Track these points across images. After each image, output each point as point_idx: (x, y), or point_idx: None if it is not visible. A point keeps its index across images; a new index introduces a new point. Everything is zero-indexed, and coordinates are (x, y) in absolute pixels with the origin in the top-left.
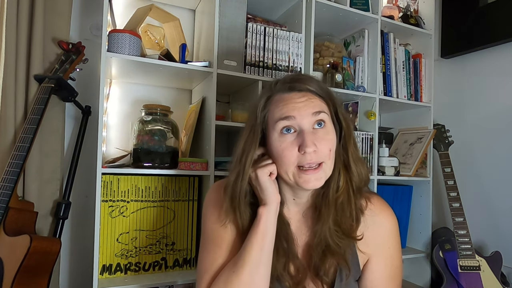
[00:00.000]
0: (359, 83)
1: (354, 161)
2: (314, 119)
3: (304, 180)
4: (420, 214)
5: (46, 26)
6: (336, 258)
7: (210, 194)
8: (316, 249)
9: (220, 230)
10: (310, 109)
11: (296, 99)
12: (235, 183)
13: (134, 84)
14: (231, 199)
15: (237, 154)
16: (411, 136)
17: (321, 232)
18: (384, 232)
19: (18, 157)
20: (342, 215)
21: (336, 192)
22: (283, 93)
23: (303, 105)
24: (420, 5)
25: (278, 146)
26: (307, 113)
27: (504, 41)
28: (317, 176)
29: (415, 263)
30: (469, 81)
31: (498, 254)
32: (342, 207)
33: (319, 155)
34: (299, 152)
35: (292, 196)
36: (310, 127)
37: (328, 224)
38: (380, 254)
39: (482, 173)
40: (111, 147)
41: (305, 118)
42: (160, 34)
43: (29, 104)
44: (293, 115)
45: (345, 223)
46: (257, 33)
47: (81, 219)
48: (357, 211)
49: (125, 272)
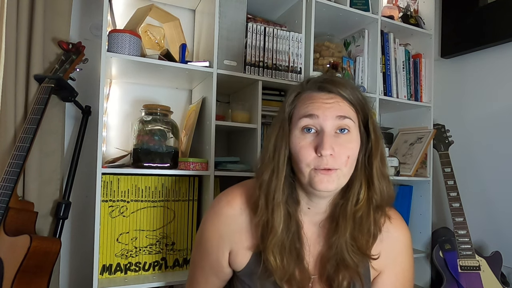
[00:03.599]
0: (359, 83)
1: (378, 177)
2: (337, 123)
3: (319, 179)
4: (420, 214)
5: (46, 26)
6: (350, 272)
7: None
8: (331, 261)
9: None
10: (336, 111)
11: (323, 99)
12: (269, 180)
13: (134, 84)
14: (266, 197)
15: (269, 151)
16: (411, 136)
17: (338, 244)
18: (398, 247)
19: (18, 157)
20: (360, 230)
21: (355, 206)
22: (312, 91)
23: (329, 106)
24: (420, 5)
25: (296, 144)
26: (331, 115)
27: (504, 41)
28: (329, 178)
29: (415, 263)
30: (469, 81)
31: (498, 254)
32: (361, 221)
33: (336, 160)
34: (316, 154)
35: (307, 205)
36: (332, 130)
37: (345, 238)
38: (393, 268)
39: (482, 173)
40: (111, 147)
41: (329, 119)
42: (160, 34)
43: (29, 104)
44: (317, 114)
45: (362, 239)
46: (257, 33)
47: (81, 219)
48: (375, 228)
49: (125, 272)
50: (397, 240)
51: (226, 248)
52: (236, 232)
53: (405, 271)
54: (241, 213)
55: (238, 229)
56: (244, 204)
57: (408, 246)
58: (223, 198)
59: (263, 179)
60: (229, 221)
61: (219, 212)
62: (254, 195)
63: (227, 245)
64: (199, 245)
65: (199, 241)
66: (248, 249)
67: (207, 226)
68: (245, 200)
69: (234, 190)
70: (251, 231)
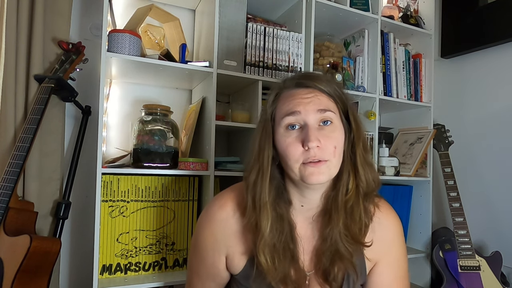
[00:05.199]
0: (359, 83)
1: (361, 164)
2: (319, 117)
3: (309, 172)
4: (420, 214)
5: (46, 26)
6: (345, 263)
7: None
8: (326, 254)
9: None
10: (316, 105)
11: (302, 95)
12: (255, 181)
13: (134, 84)
14: (253, 198)
15: (254, 152)
16: (411, 136)
17: (332, 236)
18: (390, 236)
19: (18, 157)
20: (352, 219)
21: (346, 195)
22: (291, 89)
23: (308, 101)
24: (420, 5)
25: (283, 142)
26: (312, 109)
27: (504, 41)
28: (319, 170)
29: (415, 263)
30: (469, 81)
31: (498, 254)
32: (352, 210)
33: (323, 151)
34: (303, 148)
35: (300, 202)
36: (316, 123)
37: (339, 228)
38: (387, 257)
39: (482, 173)
40: (111, 147)
41: (310, 113)
42: (160, 34)
43: (29, 104)
44: (299, 110)
45: (354, 228)
46: (257, 33)
47: (81, 219)
48: (366, 216)
49: (125, 272)
50: (389, 229)
51: (222, 252)
52: (231, 236)
53: (399, 260)
54: (234, 216)
55: (232, 232)
56: (236, 208)
57: (399, 234)
58: (215, 202)
59: (249, 181)
60: (223, 225)
61: (212, 216)
62: (245, 198)
63: (222, 249)
64: (194, 251)
65: (194, 247)
66: (243, 253)
67: (201, 231)
68: (236, 204)
69: (225, 194)
70: (245, 235)
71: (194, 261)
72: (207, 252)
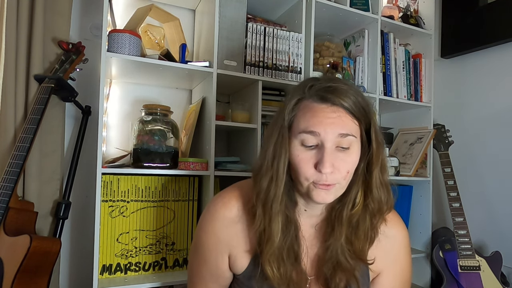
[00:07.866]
0: (359, 83)
1: (376, 186)
2: (339, 141)
3: (316, 192)
4: (420, 214)
5: (46, 26)
6: (347, 275)
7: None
8: (327, 264)
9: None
10: (338, 129)
11: (325, 113)
12: (268, 189)
13: (134, 84)
14: (264, 206)
15: (268, 157)
16: (411, 136)
17: (334, 247)
18: (396, 247)
19: (18, 157)
20: (356, 235)
21: (351, 210)
22: (314, 101)
23: (331, 122)
24: (420, 5)
25: (296, 156)
26: (333, 132)
27: (504, 41)
28: (327, 192)
29: (415, 263)
30: (469, 81)
31: (498, 254)
32: (357, 226)
33: (335, 176)
34: (315, 170)
35: (304, 207)
36: (333, 146)
37: (341, 242)
38: (392, 268)
39: (482, 173)
40: (111, 147)
41: (330, 136)
42: (160, 34)
43: (29, 104)
44: (318, 132)
45: (358, 244)
46: (257, 33)
47: (81, 219)
48: (372, 232)
49: (125, 272)
50: (395, 240)
51: (225, 252)
52: (234, 235)
53: (404, 271)
54: (238, 216)
55: (235, 232)
56: (241, 207)
57: (406, 245)
58: (218, 200)
59: (261, 187)
60: (226, 223)
61: (215, 214)
62: (251, 199)
63: (225, 249)
64: (196, 252)
65: (196, 248)
66: (246, 252)
67: (203, 230)
68: (241, 203)
69: (229, 192)
70: (249, 236)
71: (195, 263)
72: (210, 253)
